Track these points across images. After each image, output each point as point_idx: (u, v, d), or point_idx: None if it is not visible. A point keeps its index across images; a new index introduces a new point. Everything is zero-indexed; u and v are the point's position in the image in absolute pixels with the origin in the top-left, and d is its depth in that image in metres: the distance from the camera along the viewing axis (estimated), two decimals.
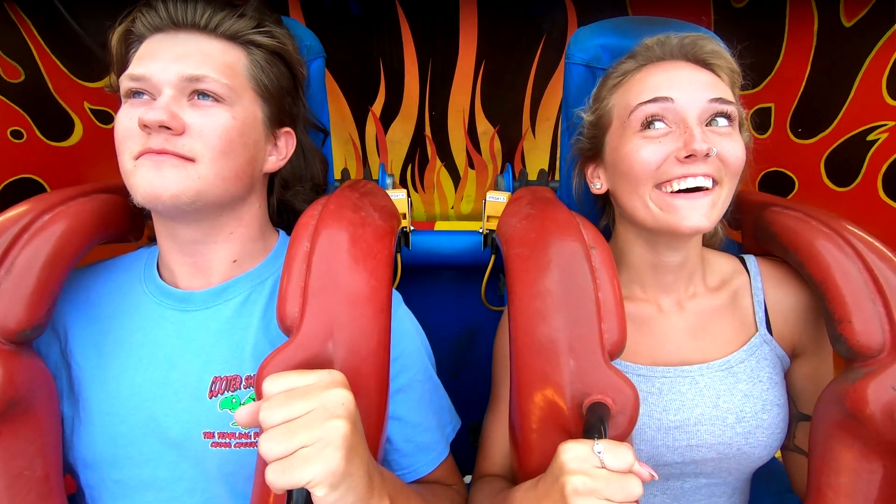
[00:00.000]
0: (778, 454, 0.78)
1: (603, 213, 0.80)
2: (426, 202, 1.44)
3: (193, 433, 0.61)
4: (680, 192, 0.61)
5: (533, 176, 1.07)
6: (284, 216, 0.76)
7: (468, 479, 0.74)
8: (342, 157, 1.35)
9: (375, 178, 1.06)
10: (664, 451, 0.68)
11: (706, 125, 0.62)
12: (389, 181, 1.04)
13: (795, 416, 0.72)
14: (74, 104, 0.97)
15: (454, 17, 1.14)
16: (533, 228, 0.63)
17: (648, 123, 0.63)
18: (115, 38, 0.64)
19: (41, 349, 0.62)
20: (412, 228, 1.02)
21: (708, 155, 0.59)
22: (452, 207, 1.46)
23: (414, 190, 1.41)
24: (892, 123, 0.88)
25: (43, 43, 0.91)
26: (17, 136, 0.92)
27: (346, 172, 1.08)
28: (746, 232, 0.78)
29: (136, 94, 0.59)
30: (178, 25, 0.60)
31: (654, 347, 0.71)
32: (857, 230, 0.64)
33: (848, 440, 0.58)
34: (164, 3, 0.60)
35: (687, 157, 0.60)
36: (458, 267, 1.13)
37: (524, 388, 0.55)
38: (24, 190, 0.94)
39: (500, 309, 1.08)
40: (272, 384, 0.45)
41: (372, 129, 1.31)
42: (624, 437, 0.53)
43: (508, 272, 0.61)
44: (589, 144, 0.73)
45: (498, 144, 1.35)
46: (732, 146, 0.62)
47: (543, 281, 0.57)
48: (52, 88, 0.94)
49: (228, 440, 0.60)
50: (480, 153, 1.36)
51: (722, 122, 0.63)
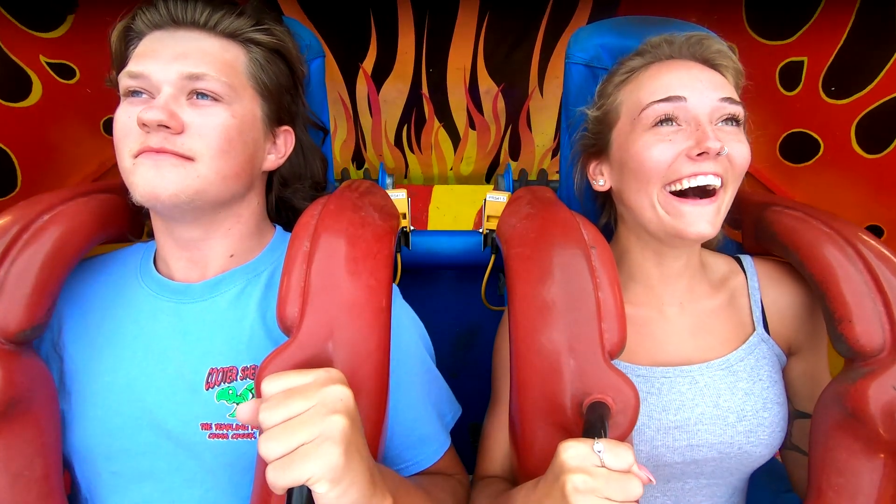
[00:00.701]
0: (776, 453, 0.78)
1: (603, 210, 0.80)
2: (423, 163, 1.36)
3: (190, 425, 0.61)
4: (688, 194, 0.61)
5: (533, 176, 1.07)
6: (283, 214, 0.76)
7: (469, 478, 0.74)
8: (332, 117, 1.24)
9: (375, 178, 1.05)
10: (664, 451, 0.68)
11: (715, 125, 0.62)
12: (389, 181, 1.04)
13: (792, 413, 0.73)
14: (29, 59, 0.87)
15: None
16: (533, 228, 0.63)
17: (660, 122, 0.63)
18: (114, 34, 0.64)
19: (32, 342, 0.62)
20: (412, 228, 1.02)
21: (720, 153, 0.59)
22: (451, 169, 1.38)
23: (410, 151, 1.33)
24: None
25: None
26: None
27: (345, 172, 1.08)
28: (746, 232, 0.78)
29: (135, 92, 0.59)
30: (177, 23, 0.60)
31: (653, 348, 0.71)
32: (857, 230, 0.64)
33: (848, 440, 0.58)
34: (164, 0, 0.60)
35: (699, 154, 0.60)
36: (458, 267, 1.12)
37: (524, 387, 0.55)
38: None
39: (500, 309, 1.08)
40: (271, 384, 0.45)
41: (363, 87, 1.22)
42: (624, 436, 0.53)
43: (508, 272, 0.61)
44: (593, 140, 0.73)
45: (502, 104, 1.27)
46: (740, 147, 0.62)
47: (543, 281, 0.57)
48: (1, 43, 0.84)
49: (226, 431, 0.60)
50: (482, 113, 1.28)
51: (730, 122, 0.63)
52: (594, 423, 0.48)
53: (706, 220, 0.61)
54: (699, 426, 0.67)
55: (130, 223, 0.70)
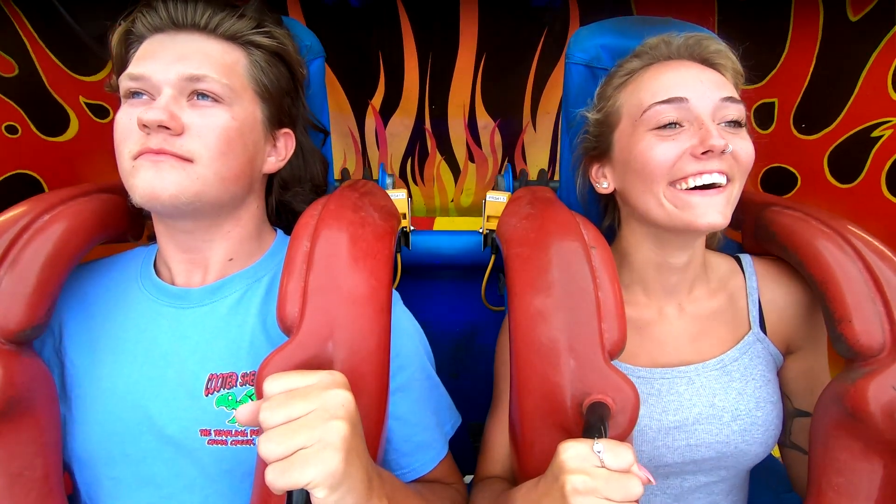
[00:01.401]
0: (776, 452, 0.78)
1: (606, 212, 0.80)
2: (426, 195, 1.43)
3: (190, 431, 0.61)
4: (695, 188, 0.61)
5: (533, 176, 1.07)
6: (283, 216, 0.75)
7: (469, 478, 0.74)
8: (341, 150, 1.34)
9: (375, 177, 1.06)
10: (664, 451, 0.68)
11: (717, 124, 0.62)
12: (389, 181, 1.04)
13: (791, 412, 0.73)
14: (69, 99, 0.96)
15: (454, 10, 1.13)
16: (533, 228, 0.63)
17: (664, 125, 0.63)
18: (115, 38, 0.64)
19: (34, 346, 0.62)
20: (412, 228, 1.02)
21: (724, 151, 0.59)
22: (452, 201, 1.45)
23: (414, 183, 1.41)
24: None
25: (37, 36, 0.90)
26: (11, 131, 0.90)
27: (346, 172, 1.08)
28: (746, 232, 0.78)
29: (135, 94, 0.59)
30: (178, 26, 0.60)
31: (653, 350, 0.71)
32: (857, 230, 0.64)
33: (848, 440, 0.58)
34: (164, 3, 0.60)
35: (704, 153, 0.60)
36: (458, 267, 1.13)
37: (524, 387, 0.55)
38: (19, 186, 0.93)
39: (499, 309, 1.08)
40: (272, 384, 0.45)
41: (371, 122, 1.31)
42: (624, 436, 0.53)
43: (508, 272, 0.61)
44: (595, 143, 0.73)
45: (499, 138, 1.34)
46: (744, 143, 0.62)
47: (543, 281, 0.57)
48: (46, 83, 0.93)
49: (225, 438, 0.60)
50: (481, 147, 1.36)
51: (732, 125, 0.63)
52: (594, 423, 0.49)
53: (716, 209, 0.60)
54: (696, 426, 0.67)
55: (131, 223, 0.70)
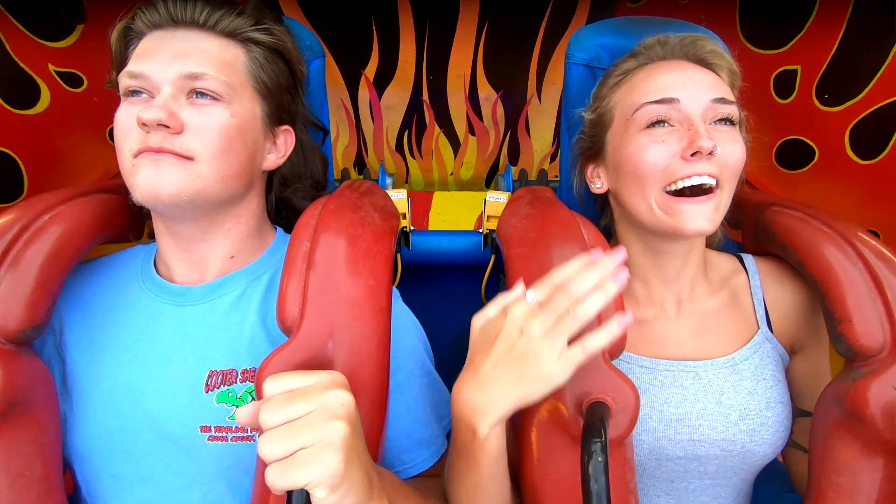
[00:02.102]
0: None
1: (603, 212, 0.80)
2: (424, 168, 1.39)
3: (190, 427, 0.61)
4: (683, 193, 0.61)
5: (533, 176, 1.07)
6: (283, 213, 0.76)
7: None
8: (335, 123, 1.28)
9: (374, 177, 1.06)
10: (667, 443, 0.67)
11: (708, 125, 0.62)
12: (389, 181, 1.04)
13: (794, 411, 0.73)
14: (38, 68, 0.89)
15: None
16: (533, 228, 0.63)
17: (653, 123, 0.63)
18: (114, 35, 0.64)
19: (35, 344, 0.62)
20: (412, 228, 1.02)
21: (712, 153, 0.59)
22: (451, 174, 1.41)
23: (411, 156, 1.36)
24: None
25: None
26: None
27: (346, 172, 1.08)
28: (746, 232, 0.78)
29: (134, 92, 0.59)
30: (177, 23, 0.60)
31: (656, 345, 0.71)
32: (857, 230, 0.64)
33: (848, 440, 0.58)
34: (163, 0, 0.60)
35: (693, 154, 0.60)
36: (458, 267, 1.12)
37: None
38: None
39: None
40: (272, 385, 0.45)
41: (365, 93, 1.25)
42: (625, 436, 0.53)
43: (508, 272, 0.61)
44: (590, 143, 0.73)
45: (501, 110, 1.29)
46: (734, 147, 0.62)
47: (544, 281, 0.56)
48: (10, 51, 0.85)
49: (225, 434, 0.60)
50: (482, 119, 1.31)
51: (724, 122, 0.63)
52: (594, 423, 0.48)
53: (704, 216, 0.61)
54: (700, 421, 0.67)
55: (131, 223, 0.70)
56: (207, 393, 0.61)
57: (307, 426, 0.42)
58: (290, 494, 0.42)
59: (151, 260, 0.69)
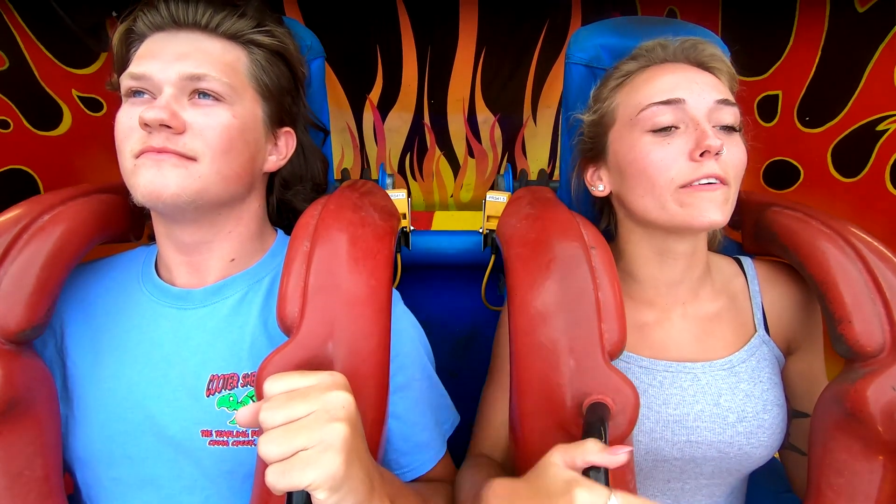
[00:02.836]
0: (776, 453, 0.78)
1: (602, 215, 0.80)
2: (425, 191, 1.43)
3: (191, 431, 0.61)
4: (692, 187, 0.61)
5: (533, 176, 1.07)
6: (284, 215, 0.75)
7: None
8: (339, 146, 1.33)
9: (374, 177, 1.06)
10: (664, 445, 0.68)
11: (712, 126, 0.62)
12: (389, 181, 1.04)
13: (790, 413, 0.73)
14: (62, 92, 0.94)
15: (454, 2, 1.12)
16: (533, 229, 0.63)
17: (661, 129, 0.63)
18: (116, 36, 0.64)
19: (36, 346, 0.62)
20: (412, 228, 1.02)
21: (719, 153, 0.59)
22: (452, 196, 1.45)
23: (413, 178, 1.40)
24: None
25: (27, 29, 0.87)
26: (3, 125, 0.87)
27: (346, 172, 1.08)
28: (746, 232, 0.78)
29: (136, 93, 0.59)
30: (179, 24, 0.60)
31: (656, 347, 0.71)
32: (857, 230, 0.64)
33: (848, 440, 0.58)
34: (165, 2, 0.60)
35: (701, 154, 0.60)
36: (458, 267, 1.13)
37: (524, 387, 0.55)
38: (13, 181, 0.91)
39: (499, 309, 1.08)
40: (273, 385, 0.45)
41: (369, 117, 1.30)
42: (624, 437, 0.53)
43: (508, 272, 0.61)
44: (590, 145, 0.73)
45: (499, 132, 1.34)
46: (736, 150, 0.63)
47: (543, 281, 0.57)
48: (38, 76, 0.90)
49: (226, 438, 0.60)
50: (480, 141, 1.35)
51: (726, 130, 0.64)
52: (594, 424, 0.48)
53: (716, 206, 0.60)
54: (698, 423, 0.67)
55: (132, 223, 0.70)
56: (208, 397, 0.61)
57: (308, 427, 0.42)
58: (290, 496, 0.42)
59: (152, 263, 0.69)
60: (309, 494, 0.42)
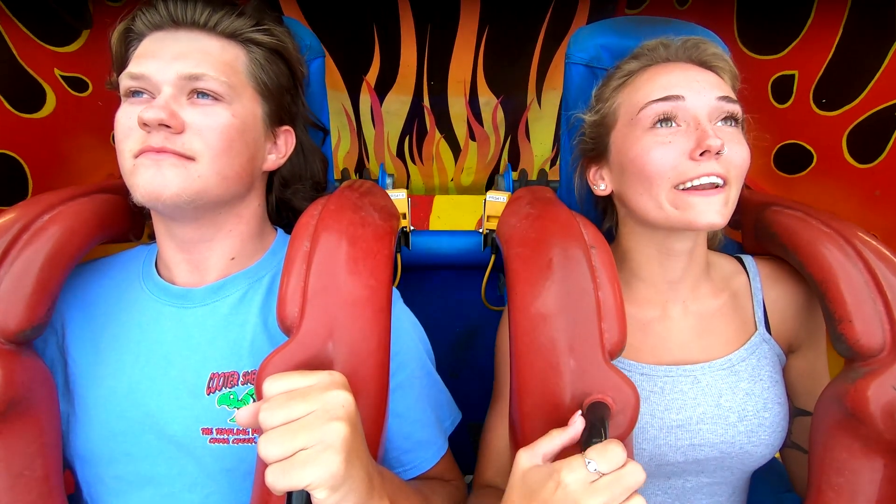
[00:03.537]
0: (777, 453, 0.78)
1: (605, 215, 0.80)
2: (425, 174, 1.40)
3: (192, 429, 0.61)
4: (693, 188, 0.61)
5: (533, 175, 1.07)
6: (284, 214, 0.76)
7: (469, 478, 0.75)
8: (336, 129, 1.29)
9: (373, 167, 1.05)
10: (667, 450, 0.68)
11: (714, 125, 0.62)
12: (389, 181, 1.04)
13: (792, 411, 0.73)
14: (44, 72, 0.89)
15: None
16: (533, 228, 0.63)
17: (659, 122, 0.63)
18: (114, 36, 0.64)
19: (37, 344, 0.62)
20: (412, 228, 1.02)
21: (720, 152, 0.59)
22: (452, 180, 1.42)
23: (412, 162, 1.37)
24: None
25: (5, 7, 0.83)
26: None
27: (346, 172, 1.08)
28: (746, 232, 0.78)
29: (135, 93, 0.59)
30: (177, 24, 0.60)
31: (657, 347, 0.71)
32: (857, 230, 0.64)
33: (848, 440, 0.58)
34: (164, 1, 0.60)
35: (701, 154, 0.60)
36: (458, 267, 1.12)
37: (524, 388, 0.55)
38: None
39: (500, 309, 1.08)
40: (273, 385, 0.45)
41: (366, 99, 1.25)
42: (625, 436, 0.53)
43: (508, 272, 0.61)
44: (592, 144, 0.73)
45: (501, 115, 1.30)
46: (739, 148, 0.62)
47: (543, 281, 0.56)
48: (17, 56, 0.85)
49: (227, 436, 0.61)
50: (482, 124, 1.31)
51: (729, 122, 0.63)
52: (594, 423, 0.49)
53: (715, 209, 0.60)
54: (701, 425, 0.67)
55: (131, 223, 0.70)
56: (209, 395, 0.61)
57: (307, 427, 0.42)
58: (290, 495, 0.42)
59: (152, 261, 0.69)
60: (308, 494, 0.42)
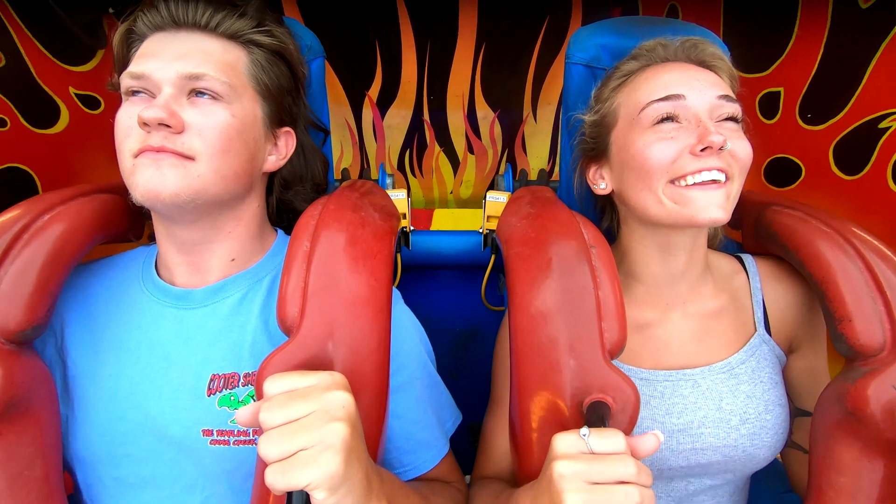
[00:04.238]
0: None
1: (604, 215, 0.80)
2: (425, 187, 1.43)
3: (192, 431, 0.61)
4: (694, 184, 0.61)
5: (533, 176, 1.07)
6: (284, 215, 0.75)
7: (468, 478, 0.74)
8: (338, 142, 1.33)
9: (374, 177, 1.06)
10: (668, 455, 0.67)
11: (715, 123, 0.62)
12: (389, 181, 1.04)
13: (792, 411, 0.72)
14: (59, 90, 0.94)
15: None
16: (533, 228, 0.63)
17: (661, 120, 0.63)
18: (116, 37, 0.64)
19: (36, 346, 0.62)
20: (412, 228, 1.02)
21: (722, 148, 0.59)
22: (451, 192, 1.45)
23: (412, 175, 1.40)
24: None
25: (24, 27, 0.87)
26: (0, 124, 0.87)
27: (346, 172, 1.08)
28: (747, 232, 0.78)
29: (136, 92, 0.59)
30: (178, 24, 0.60)
31: (657, 351, 0.71)
32: (857, 229, 0.64)
33: (849, 439, 0.58)
34: (165, 2, 0.60)
35: (702, 150, 0.60)
36: (458, 267, 1.13)
37: (524, 387, 0.55)
38: (11, 179, 0.90)
39: (500, 309, 1.08)
40: (273, 385, 0.45)
41: (368, 113, 1.29)
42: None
43: (509, 272, 0.61)
44: (592, 144, 0.73)
45: (498, 129, 1.33)
46: (741, 143, 0.62)
47: (544, 280, 0.56)
48: (35, 74, 0.90)
49: (227, 438, 0.60)
50: (480, 138, 1.35)
51: (729, 121, 0.63)
52: (594, 422, 0.49)
53: (717, 204, 0.60)
54: (702, 429, 0.67)
55: (131, 223, 0.70)
56: (209, 396, 0.61)
57: (307, 427, 0.42)
58: (290, 495, 0.42)
59: (152, 262, 0.69)
60: (308, 494, 0.42)
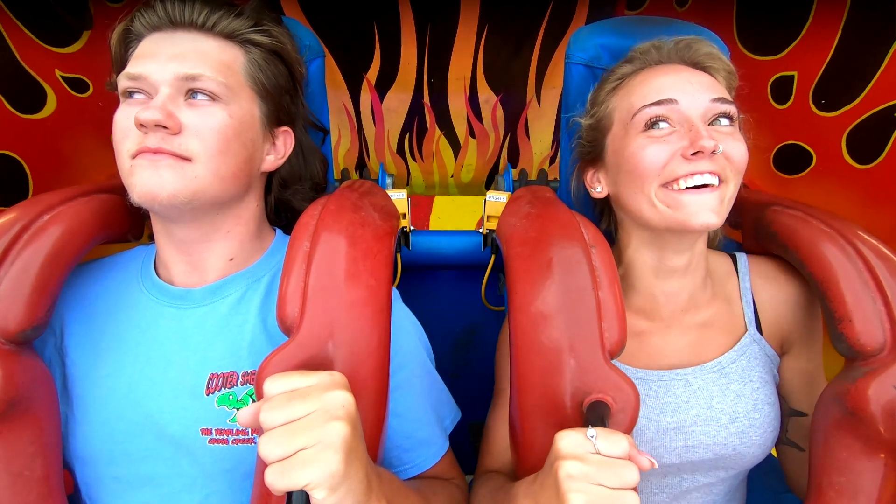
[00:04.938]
0: (775, 452, 0.78)
1: (602, 217, 0.80)
2: (425, 171, 1.40)
3: (191, 430, 0.61)
4: (687, 189, 0.61)
5: (533, 175, 1.07)
6: (283, 215, 0.76)
7: (470, 478, 0.74)
8: (336, 127, 1.30)
9: (373, 166, 1.05)
10: (662, 452, 0.68)
11: (709, 125, 0.62)
12: (389, 181, 1.04)
13: (787, 412, 0.73)
14: (45, 73, 0.89)
15: None
16: (533, 228, 0.63)
17: (653, 124, 0.63)
18: (113, 37, 0.64)
19: (35, 346, 0.62)
20: (412, 228, 1.02)
21: (714, 152, 0.59)
22: (452, 176, 1.42)
23: (412, 159, 1.38)
24: None
25: (5, 7, 0.83)
26: None
27: (345, 172, 1.08)
28: (747, 231, 0.78)
29: (133, 93, 0.59)
30: (175, 24, 0.60)
31: (651, 353, 0.71)
32: (858, 230, 0.64)
33: (849, 439, 0.58)
34: (161, 2, 0.60)
35: (694, 154, 0.60)
36: (458, 267, 1.12)
37: (524, 387, 0.55)
38: None
39: (499, 309, 1.08)
40: (273, 385, 0.45)
41: (367, 97, 1.26)
42: None
43: (509, 272, 0.61)
44: (589, 148, 0.73)
45: (501, 113, 1.30)
46: (736, 144, 0.62)
47: (544, 280, 0.56)
48: (18, 57, 0.85)
49: (226, 437, 0.61)
50: (482, 122, 1.32)
51: (724, 121, 0.63)
52: (594, 422, 0.49)
53: (709, 208, 0.60)
54: (694, 427, 0.67)
55: (131, 223, 0.70)
56: (208, 396, 0.61)
57: (307, 427, 0.42)
58: (289, 495, 0.42)
59: (151, 262, 0.69)
60: (308, 494, 0.42)
